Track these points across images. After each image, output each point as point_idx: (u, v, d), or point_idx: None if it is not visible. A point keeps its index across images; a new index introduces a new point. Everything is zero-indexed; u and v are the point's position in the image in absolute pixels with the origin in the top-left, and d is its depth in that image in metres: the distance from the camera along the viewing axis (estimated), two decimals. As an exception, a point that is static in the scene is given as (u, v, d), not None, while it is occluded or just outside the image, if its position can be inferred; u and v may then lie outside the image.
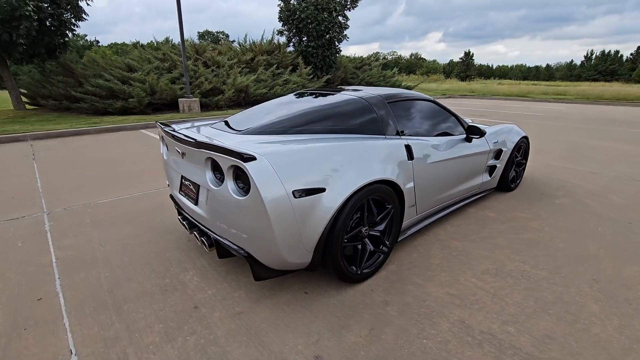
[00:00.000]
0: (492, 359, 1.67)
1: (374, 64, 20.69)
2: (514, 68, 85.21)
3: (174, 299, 2.11)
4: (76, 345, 1.76)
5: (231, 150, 1.74)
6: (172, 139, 2.26)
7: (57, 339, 1.80)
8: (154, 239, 2.86)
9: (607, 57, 54.40)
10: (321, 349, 1.73)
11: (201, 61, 13.42)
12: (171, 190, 2.64)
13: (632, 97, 16.24)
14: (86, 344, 1.76)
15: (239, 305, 2.05)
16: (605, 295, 2.15)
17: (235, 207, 1.83)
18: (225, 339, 1.79)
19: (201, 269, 2.43)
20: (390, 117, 2.58)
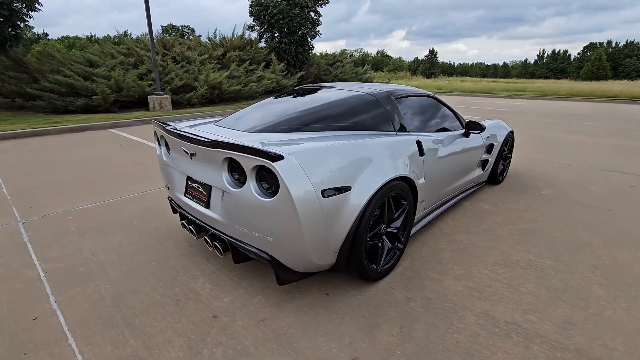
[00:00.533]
0: (522, 348, 1.71)
1: (345, 60, 20.82)
2: (474, 66, 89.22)
3: (189, 309, 1.98)
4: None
5: (257, 149, 1.65)
6: (178, 138, 2.11)
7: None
8: (152, 246, 2.68)
9: (557, 56, 58.34)
10: (357, 351, 1.69)
11: (170, 56, 12.81)
12: (171, 193, 2.48)
13: (583, 93, 17.53)
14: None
15: (261, 312, 1.97)
16: (607, 279, 2.28)
17: (260, 209, 1.74)
18: (255, 348, 1.70)
19: (211, 276, 2.30)
20: (398, 113, 2.58)
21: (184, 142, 2.07)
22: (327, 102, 2.47)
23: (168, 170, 2.44)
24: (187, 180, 2.26)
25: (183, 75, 11.77)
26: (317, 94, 2.76)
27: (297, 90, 3.02)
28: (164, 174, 2.54)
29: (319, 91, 2.82)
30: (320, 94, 2.74)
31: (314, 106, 2.40)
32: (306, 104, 2.48)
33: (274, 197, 1.68)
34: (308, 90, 2.96)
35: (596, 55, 44.70)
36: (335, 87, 2.90)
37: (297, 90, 3.04)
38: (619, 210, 3.42)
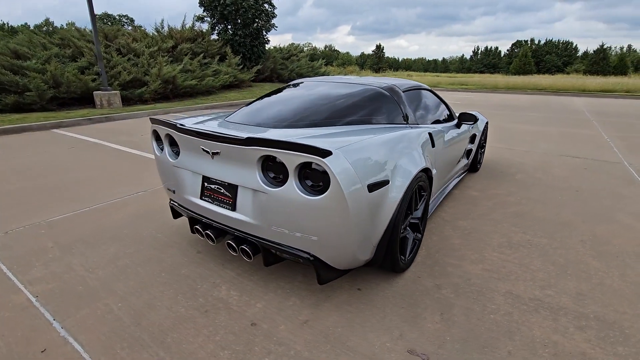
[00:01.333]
0: (552, 321, 1.86)
1: (301, 55, 20.70)
2: (417, 61, 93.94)
3: (222, 319, 1.85)
4: (133, 396, 1.42)
5: (306, 145, 1.58)
6: (197, 137, 1.94)
7: (101, 394, 1.43)
8: (155, 256, 2.45)
9: (489, 52, 63.55)
10: (410, 342, 1.71)
11: (113, 48, 11.71)
12: (178, 197, 2.28)
13: (518, 86, 19.34)
14: (146, 392, 1.44)
15: (301, 314, 1.90)
16: (596, 252, 2.56)
17: (305, 208, 1.67)
18: (309, 352, 1.64)
19: (233, 282, 2.17)
20: (407, 106, 2.63)
21: (206, 141, 1.91)
22: (342, 96, 2.44)
23: (174, 172, 2.24)
24: (203, 181, 2.10)
25: (131, 69, 10.84)
26: (324, 88, 2.70)
27: (301, 85, 2.93)
28: (168, 177, 2.33)
29: (324, 85, 2.76)
30: (328, 88, 2.68)
31: (331, 100, 2.36)
32: (322, 98, 2.42)
33: (323, 194, 1.62)
34: (312, 84, 2.88)
35: (522, 52, 49.50)
36: (334, 81, 2.87)
37: (301, 84, 2.96)
38: (583, 190, 3.85)
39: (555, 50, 52.86)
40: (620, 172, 4.57)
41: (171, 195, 2.40)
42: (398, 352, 1.65)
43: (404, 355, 1.64)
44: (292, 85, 2.93)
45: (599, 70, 41.38)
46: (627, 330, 1.80)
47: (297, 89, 2.77)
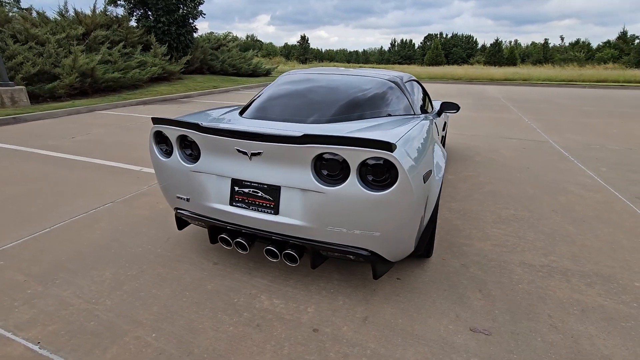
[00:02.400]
0: (566, 282, 2.14)
1: (231, 44, 19.74)
2: (339, 52, 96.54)
3: (280, 331, 1.74)
4: None
5: (372, 140, 1.54)
6: (232, 137, 1.75)
7: None
8: (167, 274, 2.17)
9: (405, 44, 68.23)
10: (467, 321, 1.81)
11: (7, 34, 9.73)
12: (194, 205, 2.04)
13: (439, 76, 21.20)
14: None
15: (356, 312, 1.88)
16: (568, 219, 3.00)
17: (369, 205, 1.64)
18: (384, 348, 1.64)
19: (270, 289, 2.04)
20: (411, 96, 2.72)
21: (244, 141, 1.73)
22: (361, 89, 2.43)
23: (191, 179, 1.99)
24: (232, 186, 1.91)
25: (36, 60, 9.15)
26: (335, 80, 2.63)
27: (303, 78, 2.78)
28: (179, 184, 2.06)
29: (332, 77, 2.69)
30: (339, 80, 2.61)
31: (353, 93, 2.35)
32: (342, 92, 2.38)
33: (390, 189, 1.60)
34: (316, 77, 2.76)
35: (434, 45, 54.25)
36: (335, 73, 2.83)
37: (301, 76, 2.80)
38: (532, 167, 4.44)
39: (460, 44, 59.18)
40: (550, 149, 5.36)
41: (181, 204, 2.13)
42: (462, 332, 1.75)
43: (468, 334, 1.73)
44: (292, 79, 2.79)
45: (495, 61, 47.55)
46: (621, 281, 2.16)
47: (303, 83, 2.65)
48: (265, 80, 17.98)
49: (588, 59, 43.28)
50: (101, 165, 4.29)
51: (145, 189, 3.53)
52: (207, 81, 14.70)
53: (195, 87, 12.93)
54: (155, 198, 3.30)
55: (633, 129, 6.94)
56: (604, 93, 14.74)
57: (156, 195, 3.38)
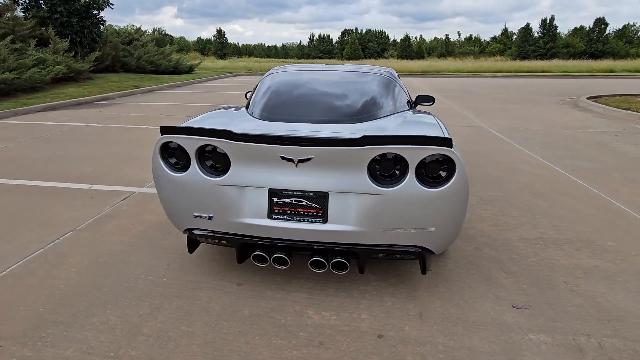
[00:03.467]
0: (561, 250, 2.44)
1: (145, 39, 17.91)
2: (257, 47, 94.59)
3: (347, 344, 1.65)
4: None
5: (434, 137, 1.54)
6: (277, 143, 1.58)
7: None
8: (189, 305, 1.89)
9: (323, 39, 69.81)
10: (507, 300, 1.95)
11: None
12: (219, 223, 1.81)
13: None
14: None
15: (408, 309, 1.88)
16: (533, 194, 3.41)
17: (427, 202, 1.64)
18: (452, 341, 1.67)
19: (312, 302, 1.92)
20: (406, 91, 2.79)
21: (292, 147, 1.58)
22: (371, 85, 2.41)
23: (216, 193, 1.75)
24: (270, 197, 1.73)
25: None
26: (340, 75, 2.57)
27: (305, 74, 2.65)
28: (199, 201, 1.79)
29: (334, 73, 2.62)
30: (345, 76, 2.56)
31: (369, 91, 2.33)
32: (358, 89, 2.33)
33: (447, 184, 1.62)
34: (319, 73, 2.67)
35: (351, 40, 56.58)
36: (332, 68, 2.77)
37: (303, 73, 2.67)
38: (483, 151, 4.95)
39: (374, 39, 62.82)
40: (487, 133, 6.04)
41: (198, 224, 1.87)
42: (508, 310, 1.87)
43: (513, 311, 1.87)
44: (291, 77, 2.61)
45: (407, 55, 51.72)
46: (598, 242, 2.54)
47: (308, 80, 2.51)
48: (190, 78, 16.73)
49: (481, 52, 49.79)
50: (31, 187, 3.53)
51: (108, 211, 3.01)
52: (124, 80, 13.09)
53: (112, 88, 11.43)
54: (127, 220, 2.84)
55: (542, 112, 8.20)
56: (505, 82, 17.12)
57: (126, 216, 2.91)
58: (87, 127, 6.44)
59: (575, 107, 9.13)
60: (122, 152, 4.79)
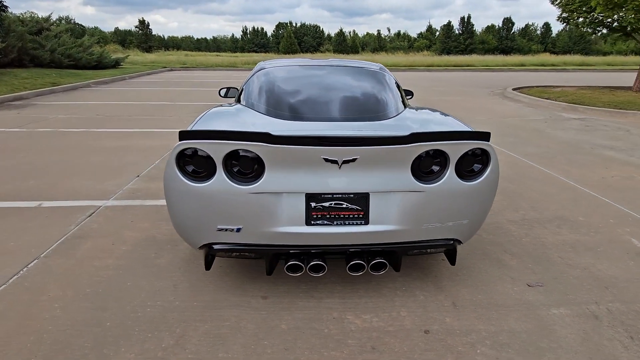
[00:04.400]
0: (544, 228, 2.70)
1: (57, 28, 15.72)
2: (185, 39, 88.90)
3: (397, 345, 1.63)
4: None
5: (475, 132, 1.57)
6: (322, 144, 1.48)
7: None
8: (217, 329, 1.70)
9: (257, 32, 68.12)
10: (521, 280, 2.10)
11: None
12: (248, 234, 1.66)
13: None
14: None
15: (440, 301, 1.92)
16: (504, 179, 3.72)
17: (465, 195, 1.68)
18: (492, 326, 1.75)
19: (348, 306, 1.86)
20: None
21: (337, 147, 1.49)
22: (378, 81, 2.39)
23: (247, 203, 1.59)
24: (307, 202, 1.62)
25: None
26: (345, 70, 2.52)
27: (306, 69, 2.54)
28: (227, 213, 1.61)
29: (336, 69, 2.55)
30: (347, 72, 2.51)
31: (380, 88, 2.32)
32: (368, 86, 2.32)
33: (482, 176, 1.68)
34: (320, 69, 2.55)
35: (287, 34, 56.04)
36: (327, 62, 2.70)
37: (303, 68, 2.55)
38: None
39: (309, 33, 63.03)
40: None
41: (222, 237, 1.68)
42: (525, 290, 2.02)
43: (530, 289, 2.02)
44: (293, 72, 2.47)
45: (342, 49, 52.91)
46: (571, 218, 2.87)
47: (312, 76, 2.40)
48: (118, 73, 15.10)
49: (409, 47, 52.94)
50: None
51: (74, 230, 2.58)
52: (37, 76, 11.33)
53: (25, 85, 9.83)
54: (103, 239, 2.46)
55: (480, 103, 9.00)
56: (438, 75, 18.45)
57: (101, 235, 2.52)
58: (7, 133, 5.45)
59: (505, 97, 10.20)
60: (64, 161, 4.14)
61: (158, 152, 4.47)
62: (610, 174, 3.92)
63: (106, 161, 4.12)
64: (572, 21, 9.80)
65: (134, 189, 3.33)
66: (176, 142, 1.53)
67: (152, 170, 3.84)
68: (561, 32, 52.00)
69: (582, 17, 9.34)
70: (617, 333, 1.70)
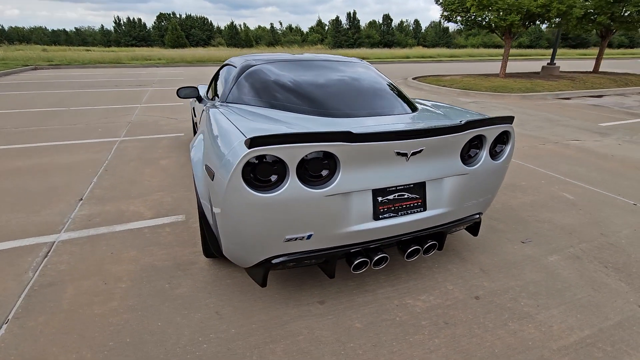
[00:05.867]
0: (504, 194, 3.23)
1: None
2: (36, 30, 73.73)
3: (464, 314, 1.79)
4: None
5: (505, 117, 1.80)
6: (397, 139, 1.51)
7: None
8: (293, 346, 1.59)
9: (134, 24, 60.55)
10: (516, 240, 2.49)
11: None
12: (317, 239, 1.60)
13: (205, 59, 20.70)
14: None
15: (473, 269, 2.15)
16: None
17: (492, 172, 1.92)
18: (521, 281, 2.05)
19: (400, 291, 1.95)
20: None
21: (408, 141, 1.54)
22: (384, 78, 2.49)
23: (322, 206, 1.52)
24: (374, 197, 1.63)
25: None
26: (346, 65, 2.58)
27: (307, 63, 2.50)
28: (298, 220, 1.51)
29: (341, 62, 2.61)
30: (350, 65, 2.60)
31: (388, 83, 2.44)
32: (380, 82, 2.41)
33: (504, 156, 1.94)
34: (323, 62, 2.55)
35: (172, 26, 51.25)
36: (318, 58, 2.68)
37: (304, 63, 2.50)
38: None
39: (197, 25, 58.80)
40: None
41: (290, 247, 1.58)
42: (522, 246, 2.40)
43: (526, 245, 2.41)
44: (297, 68, 2.38)
45: (236, 43, 51.12)
46: (518, 184, 3.48)
47: (318, 71, 2.35)
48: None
49: (303, 41, 54.27)
50: None
51: (36, 277, 2.02)
52: None
53: None
54: (84, 282, 2.00)
55: (392, 92, 9.88)
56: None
57: (79, 276, 2.04)
58: None
59: (408, 86, 11.43)
60: (-46, 193, 3.12)
61: (88, 168, 3.72)
62: (520, 145, 4.83)
63: (25, 186, 3.25)
64: (452, 19, 11.51)
65: (86, 216, 2.73)
66: (157, 152, 1.36)
67: (95, 190, 3.19)
68: (428, 27, 60.28)
69: (460, 16, 11.06)
70: (596, 266, 2.19)
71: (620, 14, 11.43)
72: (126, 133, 5.17)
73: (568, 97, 9.32)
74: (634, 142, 4.93)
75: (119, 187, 3.26)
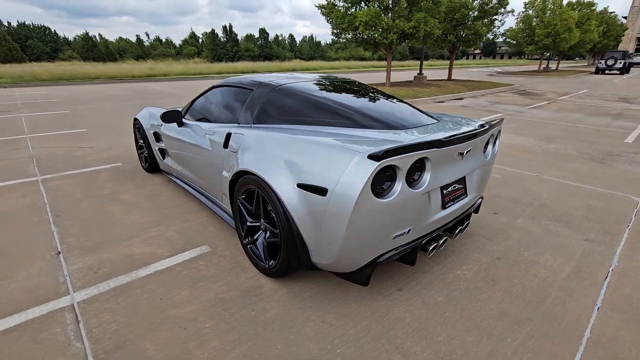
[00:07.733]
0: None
1: None
2: None
3: (499, 272, 2.32)
4: None
5: (501, 119, 2.42)
6: (464, 141, 1.94)
7: None
8: (386, 344, 1.83)
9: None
10: (494, 214, 3.23)
11: None
12: (414, 232, 1.90)
13: (67, 77, 17.57)
14: None
15: (486, 253, 2.74)
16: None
17: (493, 161, 2.53)
18: (536, 249, 2.73)
19: (446, 268, 2.37)
20: None
21: (469, 142, 1.99)
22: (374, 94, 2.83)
23: (419, 203, 1.83)
24: (442, 190, 2.02)
25: None
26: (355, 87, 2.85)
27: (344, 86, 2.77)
28: (403, 218, 1.78)
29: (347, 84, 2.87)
30: (355, 86, 2.87)
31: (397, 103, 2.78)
32: (397, 100, 2.75)
33: (496, 146, 2.57)
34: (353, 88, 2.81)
35: (0, 36, 41.11)
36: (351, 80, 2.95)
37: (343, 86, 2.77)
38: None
39: (37, 35, 48.54)
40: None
41: (395, 243, 1.84)
42: (497, 217, 3.14)
43: (499, 216, 3.16)
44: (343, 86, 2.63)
45: (94, 57, 44.36)
46: (492, 178, 4.36)
47: (338, 89, 2.60)
48: None
49: (177, 54, 50.92)
50: None
51: (90, 347, 1.70)
52: None
53: None
54: (163, 335, 1.79)
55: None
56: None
57: (144, 334, 1.81)
58: None
59: (314, 98, 12.22)
60: None
61: (29, 216, 3.02)
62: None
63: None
64: (342, 36, 12.88)
65: (85, 269, 2.30)
66: (106, 188, 1.56)
67: (68, 239, 2.66)
68: (302, 42, 64.29)
69: (350, 34, 12.48)
70: (546, 221, 3.05)
71: (461, 35, 14.81)
72: (41, 170, 4.25)
73: (442, 101, 11.57)
74: (507, 132, 6.61)
75: (96, 232, 2.79)
